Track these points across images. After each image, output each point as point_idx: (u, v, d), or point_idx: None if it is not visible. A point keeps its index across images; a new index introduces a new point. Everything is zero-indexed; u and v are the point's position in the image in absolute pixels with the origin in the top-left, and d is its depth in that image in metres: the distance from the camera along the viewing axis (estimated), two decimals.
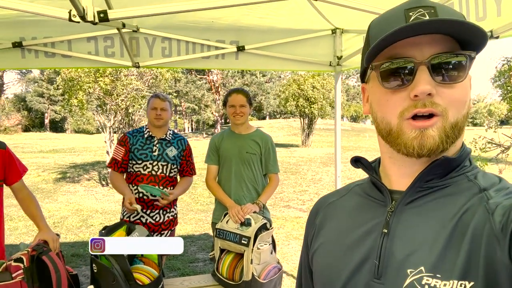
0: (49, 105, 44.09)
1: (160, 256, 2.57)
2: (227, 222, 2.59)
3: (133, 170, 2.76)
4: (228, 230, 2.54)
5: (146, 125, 2.87)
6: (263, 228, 2.47)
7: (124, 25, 2.40)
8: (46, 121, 45.12)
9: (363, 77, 0.70)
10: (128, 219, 2.78)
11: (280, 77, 42.56)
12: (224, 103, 2.82)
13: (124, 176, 2.85)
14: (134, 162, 2.75)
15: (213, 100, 35.91)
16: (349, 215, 0.71)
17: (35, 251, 2.00)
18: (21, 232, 6.06)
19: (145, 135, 2.79)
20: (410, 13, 0.58)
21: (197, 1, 1.42)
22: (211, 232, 6.03)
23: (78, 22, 1.19)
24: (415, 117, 0.57)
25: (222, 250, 2.61)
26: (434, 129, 0.57)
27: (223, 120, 34.92)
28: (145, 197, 2.74)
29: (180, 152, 2.88)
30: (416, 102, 0.57)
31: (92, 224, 6.56)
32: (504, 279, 0.49)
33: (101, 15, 1.17)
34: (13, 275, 1.91)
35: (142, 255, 2.56)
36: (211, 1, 1.42)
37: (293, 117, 25.95)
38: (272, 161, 2.85)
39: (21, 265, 1.93)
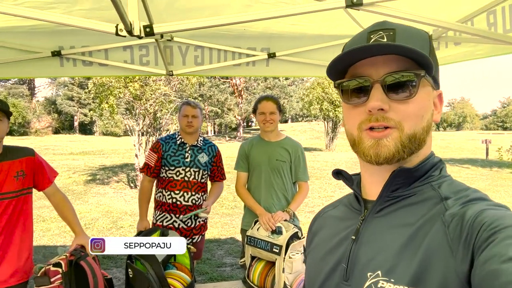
0: (79, 108, 45.52)
1: (192, 261, 2.60)
2: (257, 230, 2.59)
3: (166, 176, 2.81)
4: (259, 238, 2.54)
5: (178, 132, 2.91)
6: (295, 237, 2.45)
7: (162, 36, 2.44)
8: (76, 123, 46.60)
9: None
10: (161, 223, 2.83)
11: (303, 80, 42.38)
12: (254, 110, 2.83)
13: (155, 182, 2.90)
14: (167, 168, 2.80)
15: (236, 104, 36.13)
16: (334, 224, 0.77)
17: (73, 256, 2.05)
18: (53, 233, 6.25)
19: (178, 142, 2.84)
20: (371, 36, 0.65)
21: (237, 15, 1.42)
22: (237, 237, 6.08)
23: (125, 36, 1.22)
24: (372, 128, 0.63)
25: (253, 257, 2.61)
26: (389, 139, 0.62)
27: (245, 123, 35.03)
28: (178, 202, 2.79)
29: (211, 158, 2.91)
30: (371, 117, 0.63)
31: (122, 226, 6.69)
32: None
33: (147, 29, 1.19)
34: (52, 279, 1.96)
35: (174, 260, 2.59)
36: (250, 14, 1.43)
37: (315, 120, 25.75)
38: (302, 169, 2.83)
39: (60, 269, 1.98)
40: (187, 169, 2.80)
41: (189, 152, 2.83)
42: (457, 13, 2.05)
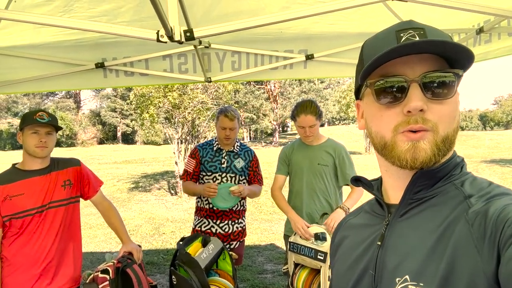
0: (121, 119, 47.46)
1: (235, 269, 2.58)
2: (300, 236, 2.52)
3: (203, 182, 2.83)
4: (302, 244, 2.46)
5: (215, 138, 2.93)
6: None
7: (200, 42, 2.46)
8: (119, 134, 48.57)
9: (357, 94, 0.73)
10: (199, 228, 2.86)
11: (339, 82, 41.74)
12: (293, 117, 2.73)
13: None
14: (204, 174, 2.82)
15: (271, 109, 36.18)
16: (358, 232, 0.76)
17: (120, 263, 2.09)
18: (100, 240, 6.48)
19: (214, 148, 2.87)
20: (401, 34, 0.62)
21: (274, 14, 1.39)
22: (277, 243, 6.01)
23: (165, 42, 1.22)
24: (410, 131, 0.61)
25: (296, 264, 2.54)
26: (425, 142, 0.59)
27: (280, 129, 34.94)
28: (215, 207, 2.80)
29: (247, 163, 2.90)
30: (409, 118, 0.60)
31: (164, 232, 6.82)
32: None
33: (188, 34, 1.18)
34: (100, 286, 2.00)
35: (217, 267, 2.58)
36: (289, 13, 1.38)
37: (353, 123, 25.26)
38: (348, 170, 2.65)
39: (107, 276, 2.01)
40: (224, 174, 2.81)
41: (226, 157, 2.84)
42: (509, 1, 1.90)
